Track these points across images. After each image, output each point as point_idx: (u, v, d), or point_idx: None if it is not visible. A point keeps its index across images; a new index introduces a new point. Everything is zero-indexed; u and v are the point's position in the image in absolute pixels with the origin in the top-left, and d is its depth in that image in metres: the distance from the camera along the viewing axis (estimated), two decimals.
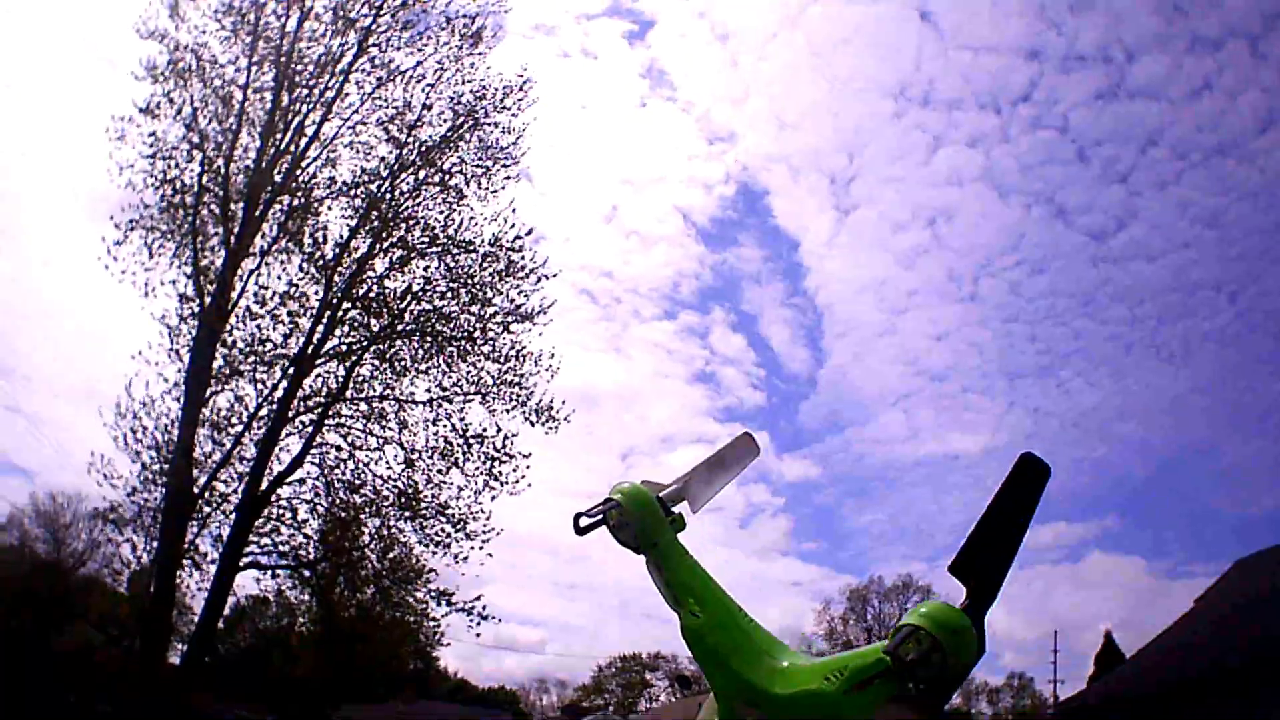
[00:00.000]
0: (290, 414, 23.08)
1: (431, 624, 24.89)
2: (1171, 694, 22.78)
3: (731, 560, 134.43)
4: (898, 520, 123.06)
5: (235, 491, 23.06)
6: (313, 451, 23.48)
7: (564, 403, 23.97)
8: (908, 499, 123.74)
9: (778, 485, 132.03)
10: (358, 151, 24.49)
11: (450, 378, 23.76)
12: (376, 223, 23.89)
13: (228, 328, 23.03)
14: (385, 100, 24.56)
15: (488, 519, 23.39)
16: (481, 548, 23.20)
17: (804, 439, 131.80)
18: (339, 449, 23.74)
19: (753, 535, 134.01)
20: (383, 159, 24.38)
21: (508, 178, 24.54)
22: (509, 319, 23.90)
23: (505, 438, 23.62)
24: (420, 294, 23.90)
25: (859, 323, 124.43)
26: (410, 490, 23.33)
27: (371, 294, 23.92)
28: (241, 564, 22.82)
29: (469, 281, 23.92)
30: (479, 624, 23.58)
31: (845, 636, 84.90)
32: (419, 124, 24.40)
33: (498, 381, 23.71)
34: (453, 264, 24.05)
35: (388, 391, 23.82)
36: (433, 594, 23.91)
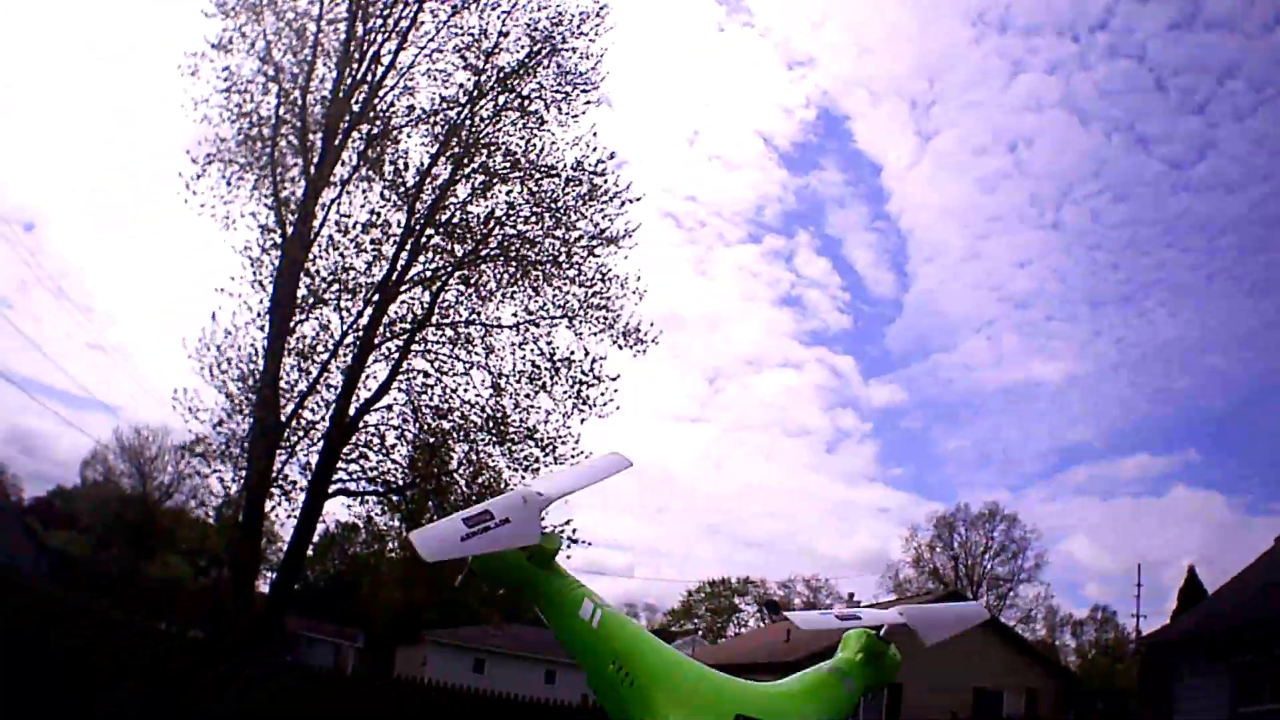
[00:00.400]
0: (376, 341, 23.21)
1: None
2: (1253, 632, 22.47)
3: (819, 486, 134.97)
4: (983, 447, 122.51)
5: (322, 419, 23.33)
6: (400, 378, 23.71)
7: (651, 325, 23.97)
8: (993, 425, 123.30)
9: (865, 411, 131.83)
10: (435, 79, 24.41)
11: (536, 302, 23.80)
12: (457, 149, 23.80)
13: (310, 257, 23.13)
14: (461, 28, 24.35)
15: (576, 442, 23.52)
16: None
17: (890, 364, 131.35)
18: (426, 375, 23.93)
19: (840, 461, 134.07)
20: (461, 86, 24.29)
21: (587, 103, 24.39)
22: (594, 243, 23.83)
23: (593, 361, 23.71)
24: (504, 219, 23.84)
25: (943, 247, 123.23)
26: (498, 415, 23.49)
27: (454, 220, 23.89)
28: (330, 491, 23.13)
29: (552, 206, 23.85)
30: (568, 548, 23.82)
31: (932, 564, 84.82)
32: (496, 51, 24.18)
33: (584, 305, 23.72)
34: (535, 189, 23.94)
35: (474, 317, 23.88)
36: None
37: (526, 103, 24.22)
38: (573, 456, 23.31)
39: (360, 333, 23.17)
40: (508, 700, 15.73)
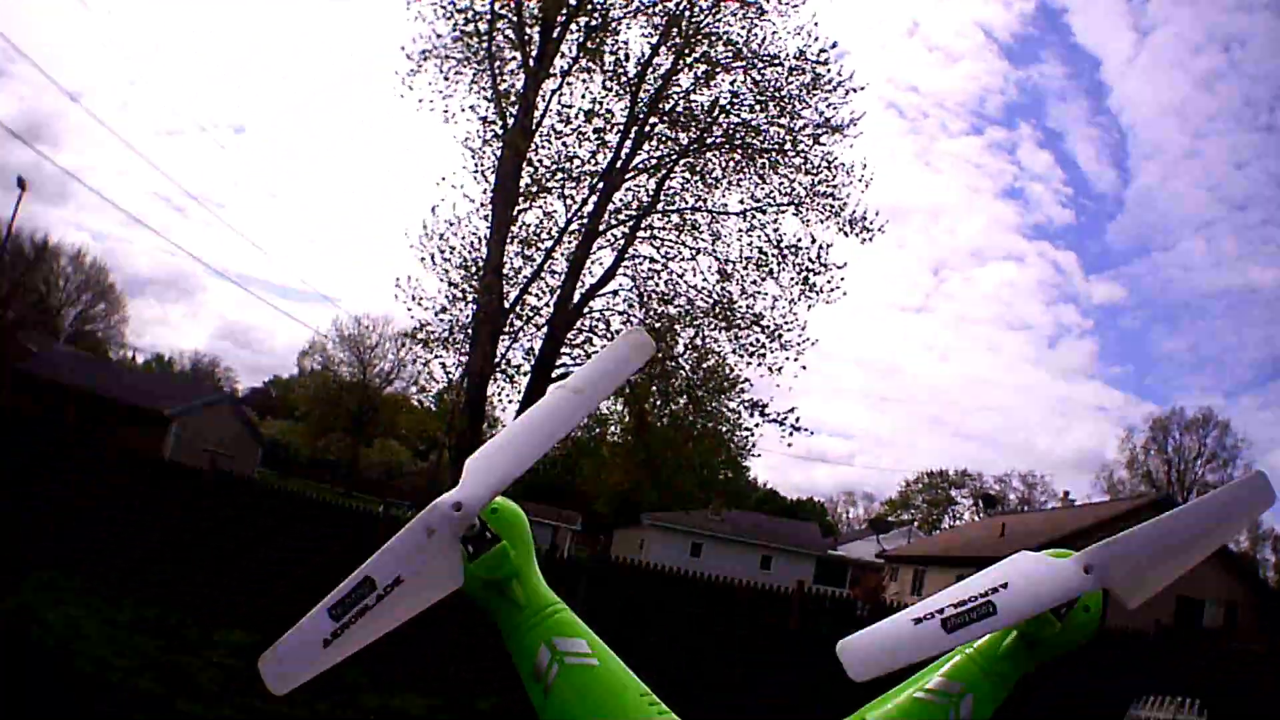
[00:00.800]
0: (601, 228, 23.44)
1: (744, 434, 25.42)
2: None
3: (1038, 381, 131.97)
4: (1199, 350, 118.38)
5: (546, 305, 23.87)
6: (625, 263, 23.96)
7: (876, 214, 23.54)
8: (1209, 329, 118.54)
9: (1086, 307, 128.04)
10: None
11: (762, 189, 23.60)
12: (677, 40, 23.54)
13: (532, 147, 23.37)
14: None
15: (802, 329, 23.48)
16: (796, 358, 23.35)
17: (1111, 260, 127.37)
18: (651, 260, 24.13)
19: (1060, 356, 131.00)
20: None
21: None
22: (818, 131, 23.38)
23: (819, 248, 23.48)
24: (727, 108, 23.56)
25: (1162, 145, 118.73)
26: (724, 300, 23.56)
27: (678, 109, 23.75)
28: (553, 375, 23.49)
29: (776, 95, 23.40)
30: (790, 435, 23.88)
31: (1145, 467, 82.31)
32: None
33: (810, 193, 23.40)
34: (759, 78, 23.52)
35: (699, 203, 23.88)
36: (745, 404, 24.32)
37: None
38: (799, 343, 23.37)
39: (585, 220, 23.44)
40: (724, 584, 15.93)
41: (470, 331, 23.28)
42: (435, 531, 1.72)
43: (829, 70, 23.22)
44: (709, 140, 23.57)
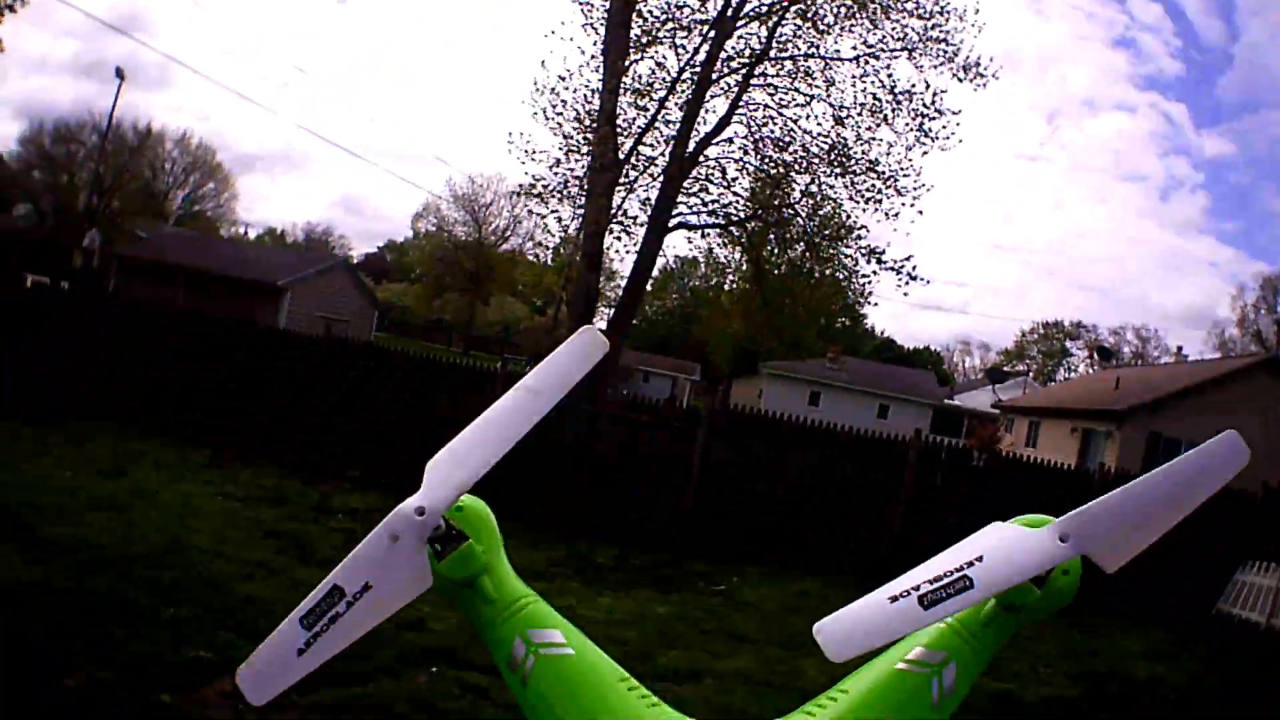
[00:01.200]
0: (714, 76, 23.09)
1: (861, 281, 25.34)
2: None
3: (1150, 233, 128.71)
4: None
5: (662, 155, 23.66)
6: (739, 111, 23.54)
7: (990, 60, 22.91)
8: None
9: (1197, 161, 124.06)
10: None
11: (875, 35, 22.97)
12: None
13: None
14: None
15: (918, 175, 23.10)
16: (912, 204, 23.07)
17: (1222, 114, 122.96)
18: (766, 107, 23.69)
19: (1172, 210, 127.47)
20: None
21: None
22: None
23: (934, 94, 22.93)
24: None
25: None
26: (840, 146, 23.18)
27: None
28: (670, 225, 23.57)
29: None
30: (907, 284, 23.76)
31: (1255, 326, 79.92)
32: None
33: (923, 38, 22.72)
34: None
35: (812, 50, 23.34)
36: (862, 251, 24.21)
37: None
38: (914, 190, 22.95)
39: (697, 68, 23.09)
40: (841, 432, 16.03)
41: (585, 184, 23.27)
42: (400, 537, 1.73)
43: None
44: None
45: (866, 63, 22.96)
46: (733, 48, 23.19)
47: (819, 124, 23.39)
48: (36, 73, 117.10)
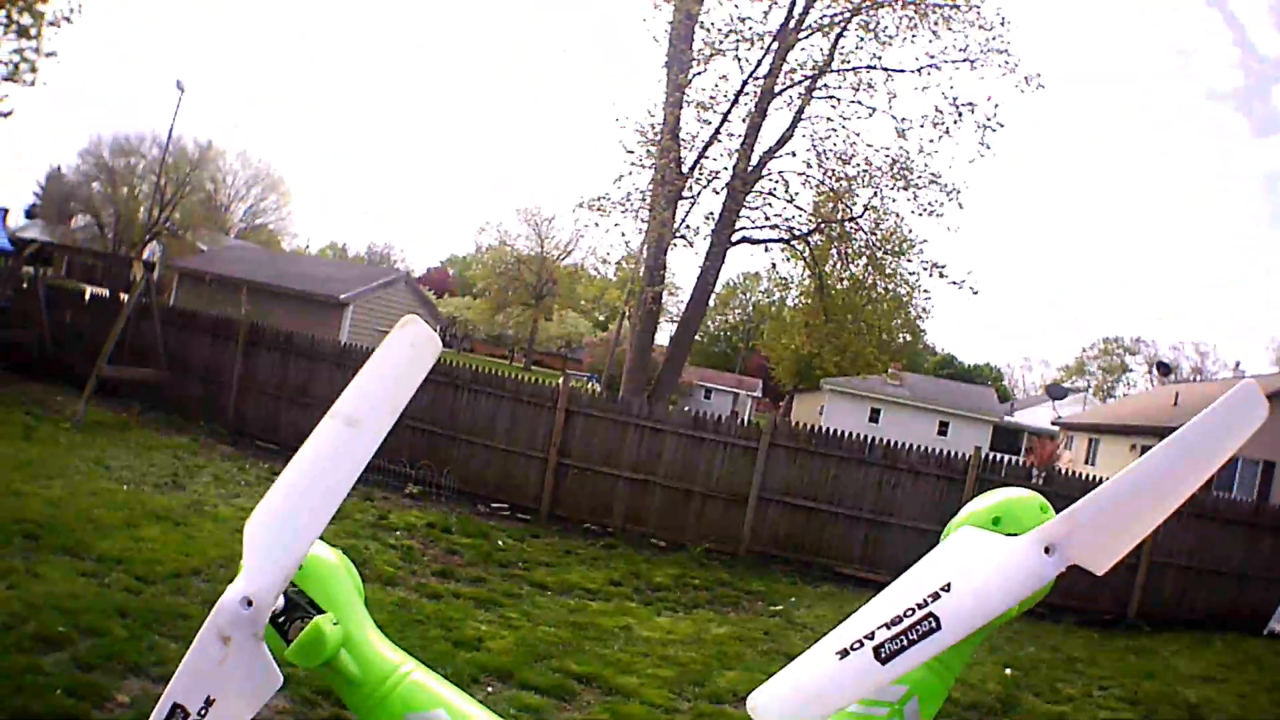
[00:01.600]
0: (777, 89, 22.97)
1: (923, 295, 25.11)
2: None
3: (1209, 246, 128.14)
4: None
5: (725, 169, 23.51)
6: (801, 124, 23.43)
7: (1039, 74, 22.58)
8: None
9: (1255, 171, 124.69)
10: None
11: (937, 45, 22.78)
12: None
13: (704, 9, 22.96)
14: None
15: (978, 189, 22.84)
16: (969, 214, 22.81)
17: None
18: (829, 120, 23.50)
19: (1230, 220, 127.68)
20: None
21: None
22: None
23: (995, 105, 22.66)
24: None
25: None
26: (902, 159, 22.98)
27: None
28: (733, 240, 23.50)
29: None
30: (959, 288, 23.57)
31: None
32: None
33: (985, 50, 22.49)
34: None
35: (874, 62, 23.17)
36: (924, 265, 24.02)
37: None
38: (975, 203, 22.64)
39: (760, 81, 22.97)
40: (900, 449, 15.80)
41: (647, 197, 23.24)
42: (231, 639, 1.50)
43: None
44: None
45: (928, 74, 22.77)
46: (795, 60, 23.10)
47: (881, 136, 23.24)
48: (94, 84, 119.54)
